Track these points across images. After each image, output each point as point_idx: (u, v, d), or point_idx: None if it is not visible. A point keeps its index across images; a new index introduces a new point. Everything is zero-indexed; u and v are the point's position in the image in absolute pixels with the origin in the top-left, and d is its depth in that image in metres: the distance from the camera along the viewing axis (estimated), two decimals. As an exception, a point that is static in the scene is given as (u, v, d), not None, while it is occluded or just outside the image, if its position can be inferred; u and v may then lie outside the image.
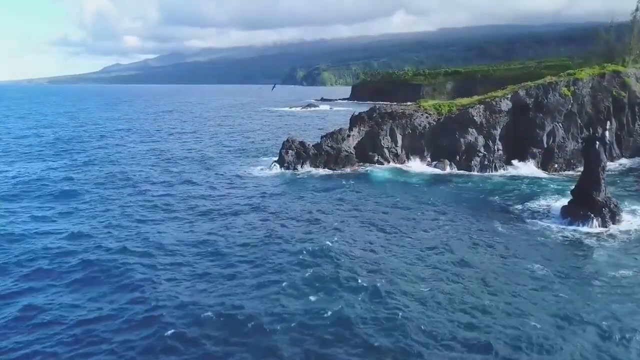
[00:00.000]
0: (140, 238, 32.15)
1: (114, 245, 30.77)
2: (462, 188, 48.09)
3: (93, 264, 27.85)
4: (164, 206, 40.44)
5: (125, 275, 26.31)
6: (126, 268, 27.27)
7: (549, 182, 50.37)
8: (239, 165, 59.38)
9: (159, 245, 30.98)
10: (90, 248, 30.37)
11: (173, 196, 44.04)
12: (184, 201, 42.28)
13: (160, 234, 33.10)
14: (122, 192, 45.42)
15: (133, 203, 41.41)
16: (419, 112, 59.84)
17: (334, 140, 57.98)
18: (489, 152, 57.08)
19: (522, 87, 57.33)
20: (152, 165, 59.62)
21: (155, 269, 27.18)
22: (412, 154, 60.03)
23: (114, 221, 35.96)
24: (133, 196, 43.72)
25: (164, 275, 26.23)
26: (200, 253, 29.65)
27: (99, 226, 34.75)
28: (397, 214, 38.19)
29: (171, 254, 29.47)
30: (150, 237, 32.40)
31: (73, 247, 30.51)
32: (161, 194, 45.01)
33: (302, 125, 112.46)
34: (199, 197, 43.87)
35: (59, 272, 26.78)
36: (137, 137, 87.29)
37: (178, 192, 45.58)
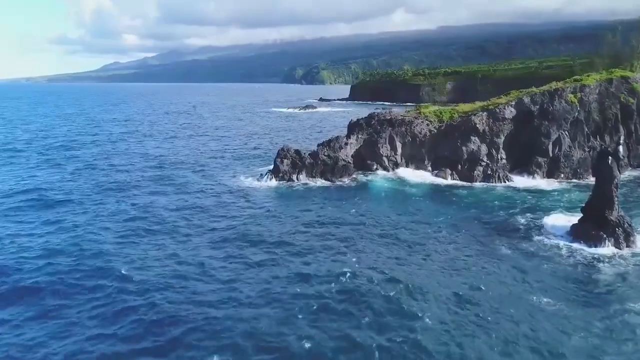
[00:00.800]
0: (117, 257, 30.01)
1: (99, 265, 28.71)
2: (465, 201, 45.85)
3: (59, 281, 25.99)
4: (148, 223, 38.22)
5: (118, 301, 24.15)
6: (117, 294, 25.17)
7: (556, 194, 48.13)
8: (232, 175, 57.08)
9: (137, 268, 28.80)
10: (58, 266, 28.35)
11: (157, 213, 41.78)
12: (169, 222, 39.90)
13: (136, 258, 30.88)
14: (107, 206, 43.19)
15: (117, 217, 39.30)
16: (419, 119, 57.57)
17: (331, 149, 55.69)
18: (492, 161, 54.82)
19: (527, 93, 55.05)
20: (142, 174, 57.29)
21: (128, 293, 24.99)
22: (412, 162, 57.80)
23: (94, 237, 33.82)
24: (117, 212, 41.43)
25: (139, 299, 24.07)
26: (187, 277, 27.47)
27: (76, 242, 32.61)
28: (397, 234, 35.90)
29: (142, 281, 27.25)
30: (127, 257, 30.26)
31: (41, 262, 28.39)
32: (146, 208, 42.82)
33: (300, 128, 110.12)
34: (184, 218, 41.00)
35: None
36: (131, 142, 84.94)
37: (164, 208, 43.28)
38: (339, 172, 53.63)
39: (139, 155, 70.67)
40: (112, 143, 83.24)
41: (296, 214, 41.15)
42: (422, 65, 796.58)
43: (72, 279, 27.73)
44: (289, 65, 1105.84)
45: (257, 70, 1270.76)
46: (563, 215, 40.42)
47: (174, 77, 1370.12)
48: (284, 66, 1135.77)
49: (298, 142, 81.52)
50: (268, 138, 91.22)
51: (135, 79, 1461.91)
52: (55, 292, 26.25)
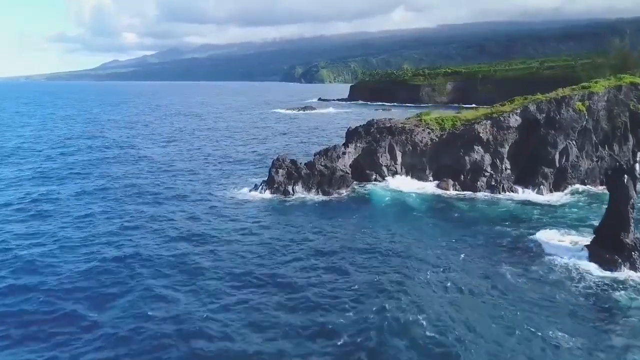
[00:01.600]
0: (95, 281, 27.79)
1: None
2: (468, 216, 43.62)
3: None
4: (128, 241, 36.02)
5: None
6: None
7: (563, 208, 45.86)
8: (225, 185, 54.81)
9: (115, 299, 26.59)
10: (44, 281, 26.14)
11: (140, 228, 39.65)
12: (155, 237, 37.78)
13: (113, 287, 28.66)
14: (89, 223, 40.95)
15: (98, 236, 37.12)
16: (420, 127, 55.30)
17: (328, 159, 53.42)
18: (496, 172, 52.60)
19: (533, 101, 52.78)
20: (129, 186, 54.87)
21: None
22: (412, 172, 55.54)
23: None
24: (99, 235, 39.18)
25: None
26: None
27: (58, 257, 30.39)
28: (394, 258, 33.56)
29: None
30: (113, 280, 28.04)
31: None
32: (128, 225, 40.64)
33: (298, 131, 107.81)
34: (172, 235, 38.82)
35: None
36: (124, 148, 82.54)
37: (150, 223, 41.16)
38: (336, 183, 51.33)
39: (129, 162, 68.40)
40: (104, 150, 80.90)
41: (288, 234, 38.65)
42: (421, 63, 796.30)
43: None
44: (289, 64, 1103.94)
45: (256, 69, 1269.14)
46: (573, 234, 38.33)
47: (173, 76, 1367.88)
48: (284, 65, 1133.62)
49: (296, 146, 79.53)
50: (265, 143, 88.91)
51: (134, 77, 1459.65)
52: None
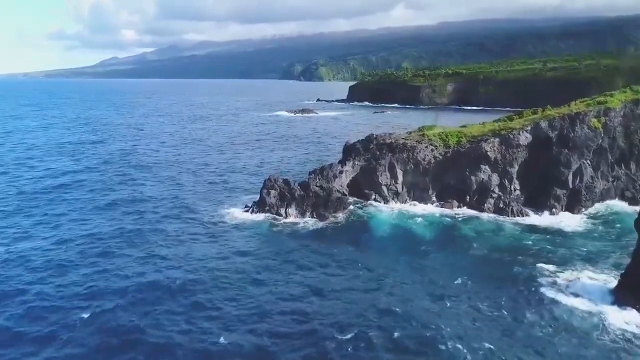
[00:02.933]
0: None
1: None
2: (474, 245, 39.95)
3: None
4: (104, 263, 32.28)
5: None
6: None
7: (578, 236, 42.17)
8: (214, 204, 50.98)
9: None
10: None
11: (121, 252, 36.14)
12: (131, 262, 34.49)
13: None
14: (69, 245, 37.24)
15: (78, 261, 33.45)
16: (423, 144, 51.52)
17: (324, 178, 49.66)
18: (504, 193, 48.89)
19: (544, 117, 48.98)
20: (112, 204, 51.16)
21: None
22: (414, 191, 51.82)
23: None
24: (81, 263, 35.43)
25: None
26: None
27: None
28: (393, 301, 29.95)
29: None
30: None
31: None
32: (108, 249, 37.14)
33: (294, 139, 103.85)
34: (153, 262, 35.61)
35: None
36: (107, 160, 78.51)
37: (127, 247, 37.75)
38: (332, 205, 47.55)
39: (116, 176, 64.48)
40: (88, 163, 76.98)
41: (274, 269, 35.07)
42: (421, 61, 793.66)
43: None
44: (288, 62, 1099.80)
45: (255, 66, 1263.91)
46: (592, 270, 34.78)
47: (172, 73, 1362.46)
48: (283, 62, 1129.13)
49: (292, 156, 75.61)
50: (260, 153, 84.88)
51: (133, 75, 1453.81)
52: None
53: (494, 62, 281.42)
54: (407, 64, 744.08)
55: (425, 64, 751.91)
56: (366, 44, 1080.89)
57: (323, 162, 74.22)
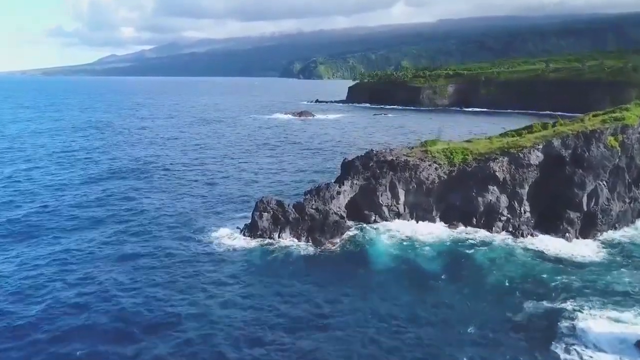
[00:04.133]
0: None
1: None
2: (486, 276, 36.81)
3: None
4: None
5: None
6: None
7: (594, 267, 38.89)
8: (203, 227, 47.55)
9: None
10: None
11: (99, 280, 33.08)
12: (108, 294, 31.51)
13: None
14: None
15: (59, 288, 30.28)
16: (426, 162, 48.19)
17: (321, 199, 46.33)
18: (513, 216, 45.65)
19: (557, 134, 45.62)
20: (93, 225, 47.88)
21: None
22: (417, 212, 48.56)
23: None
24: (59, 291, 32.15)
25: None
26: None
27: None
28: (406, 340, 26.77)
29: None
30: None
31: None
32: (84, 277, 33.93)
33: (291, 146, 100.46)
34: (135, 293, 32.47)
35: None
36: (92, 173, 75.06)
37: (108, 271, 34.70)
38: (329, 230, 44.23)
39: (99, 191, 61.11)
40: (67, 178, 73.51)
41: (264, 306, 32.07)
42: (420, 60, 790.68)
43: None
44: (287, 59, 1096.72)
45: (254, 64, 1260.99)
46: (613, 310, 31.67)
47: (171, 71, 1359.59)
48: (282, 60, 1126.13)
49: (288, 167, 72.10)
50: (256, 162, 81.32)
51: (131, 73, 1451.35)
52: None
53: (495, 62, 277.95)
54: (407, 62, 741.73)
55: (425, 62, 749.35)
56: (366, 41, 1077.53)
57: (321, 173, 71.52)
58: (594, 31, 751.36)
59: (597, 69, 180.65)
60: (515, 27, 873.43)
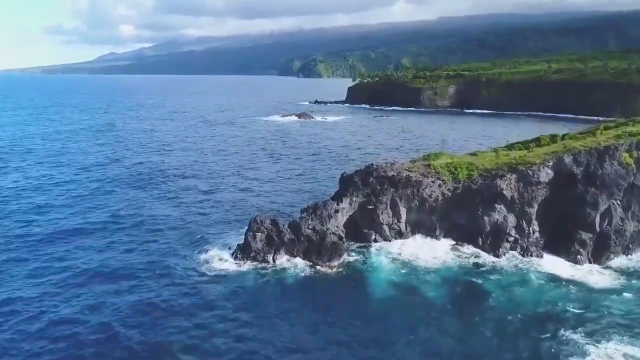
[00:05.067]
0: None
1: None
2: (496, 306, 34.37)
3: None
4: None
5: None
6: None
7: (610, 293, 36.48)
8: (192, 249, 44.95)
9: None
10: None
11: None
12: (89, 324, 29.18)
13: None
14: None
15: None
16: (429, 178, 45.64)
17: (318, 218, 43.79)
18: (522, 236, 43.12)
19: (567, 150, 43.03)
20: (73, 240, 45.38)
21: None
22: (419, 231, 46.12)
23: None
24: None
25: None
26: None
27: None
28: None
29: None
30: None
31: None
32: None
33: (289, 153, 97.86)
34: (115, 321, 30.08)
35: None
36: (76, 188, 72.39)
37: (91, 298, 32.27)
38: (326, 252, 41.69)
39: (81, 208, 58.52)
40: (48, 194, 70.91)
41: (254, 339, 29.68)
42: (420, 58, 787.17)
43: None
44: (286, 57, 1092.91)
45: (253, 62, 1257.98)
46: (630, 344, 29.33)
47: (170, 69, 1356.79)
48: (281, 57, 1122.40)
49: (286, 176, 69.41)
50: (253, 171, 78.59)
51: (131, 71, 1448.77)
52: None
53: (496, 62, 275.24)
54: (407, 61, 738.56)
55: (425, 60, 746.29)
56: (365, 39, 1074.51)
57: (320, 182, 68.97)
58: (595, 29, 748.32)
59: (600, 70, 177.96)
60: (516, 25, 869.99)
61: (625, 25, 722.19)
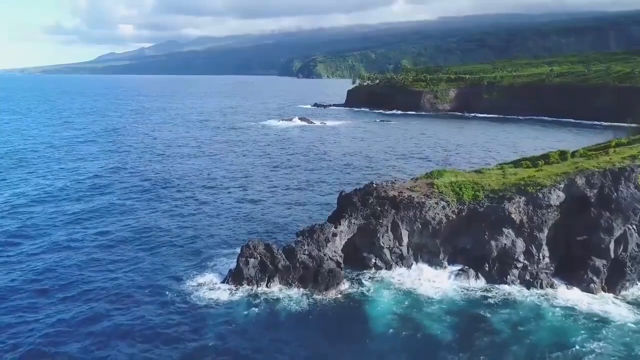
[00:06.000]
0: None
1: None
2: (504, 344, 31.79)
3: None
4: None
5: None
6: None
7: (630, 328, 33.85)
8: (181, 272, 42.43)
9: None
10: None
11: None
12: None
13: None
14: None
15: None
16: (432, 199, 43.10)
17: (315, 243, 41.23)
18: (531, 262, 40.57)
19: (580, 172, 40.48)
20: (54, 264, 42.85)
21: None
22: (422, 255, 43.57)
23: None
24: None
25: None
26: None
27: None
28: None
29: None
30: None
31: None
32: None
33: (288, 160, 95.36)
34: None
35: None
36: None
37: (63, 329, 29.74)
38: (323, 280, 39.13)
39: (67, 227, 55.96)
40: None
41: None
42: (420, 58, 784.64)
43: None
44: (286, 57, 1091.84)
45: (253, 62, 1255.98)
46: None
47: (170, 69, 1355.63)
48: (281, 57, 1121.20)
49: (282, 192, 66.77)
50: (250, 185, 75.71)
51: (130, 71, 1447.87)
52: None
53: (497, 63, 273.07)
54: (407, 61, 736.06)
55: (425, 60, 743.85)
56: (365, 39, 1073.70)
57: (317, 199, 66.36)
58: (595, 29, 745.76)
59: (604, 74, 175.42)
60: (516, 25, 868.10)
61: (626, 25, 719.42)
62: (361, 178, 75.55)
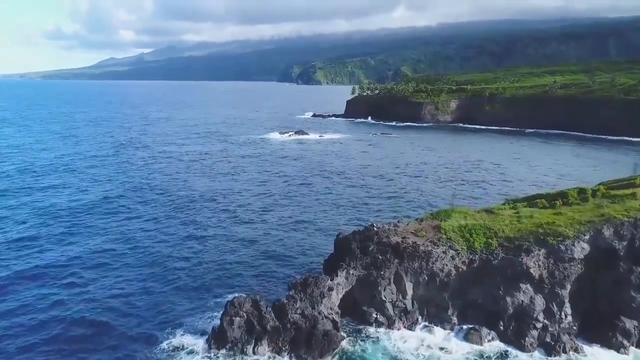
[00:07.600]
0: None
1: None
2: None
3: None
4: None
5: None
6: None
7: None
8: (153, 332, 37.57)
9: None
10: None
11: None
12: None
13: None
14: None
15: None
16: (440, 247, 38.59)
17: (308, 299, 36.62)
18: (552, 322, 36.00)
19: (607, 221, 35.96)
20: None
21: None
22: (428, 310, 39.01)
23: None
24: None
25: None
26: None
27: None
28: None
29: None
30: None
31: None
32: None
33: (283, 182, 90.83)
34: None
35: None
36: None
37: None
38: (317, 344, 34.54)
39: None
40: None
41: None
42: (420, 64, 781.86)
43: None
44: (286, 63, 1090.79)
45: (253, 68, 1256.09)
46: None
47: (169, 74, 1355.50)
48: (281, 64, 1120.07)
49: (276, 225, 61.89)
50: (241, 214, 71.18)
51: (130, 76, 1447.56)
52: None
53: (497, 72, 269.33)
54: (406, 68, 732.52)
55: (424, 67, 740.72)
56: (365, 45, 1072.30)
57: (313, 229, 61.73)
58: (595, 36, 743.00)
59: (608, 86, 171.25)
60: (516, 31, 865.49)
61: (626, 32, 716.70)
62: (358, 207, 71.16)
